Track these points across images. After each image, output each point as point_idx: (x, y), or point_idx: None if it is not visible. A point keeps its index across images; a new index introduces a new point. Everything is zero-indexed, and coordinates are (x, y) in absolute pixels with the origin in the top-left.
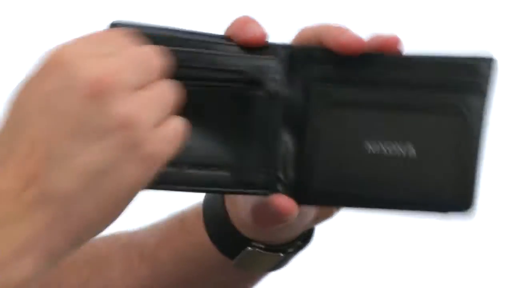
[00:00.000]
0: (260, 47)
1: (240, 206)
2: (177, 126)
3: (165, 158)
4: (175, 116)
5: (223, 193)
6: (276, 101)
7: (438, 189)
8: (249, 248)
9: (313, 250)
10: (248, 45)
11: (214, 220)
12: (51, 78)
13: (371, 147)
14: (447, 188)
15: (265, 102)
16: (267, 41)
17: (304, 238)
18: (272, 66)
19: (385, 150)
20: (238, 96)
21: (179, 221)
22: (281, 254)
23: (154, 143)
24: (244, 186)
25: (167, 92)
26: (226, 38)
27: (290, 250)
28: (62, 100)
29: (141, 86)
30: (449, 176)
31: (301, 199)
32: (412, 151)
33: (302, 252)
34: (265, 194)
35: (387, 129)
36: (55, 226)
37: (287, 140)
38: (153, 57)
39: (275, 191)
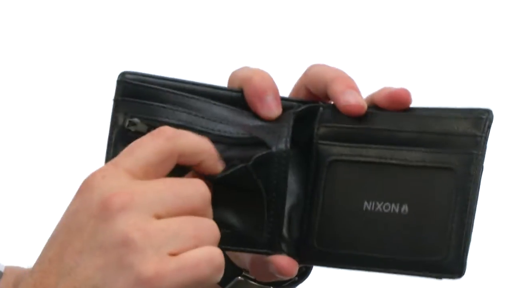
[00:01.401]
0: None
1: None
2: (200, 257)
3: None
4: (206, 246)
5: (224, 250)
6: (283, 161)
7: (433, 250)
8: (240, 277)
9: None
10: (263, 118)
11: None
12: (75, 201)
13: (368, 206)
14: (441, 249)
15: (272, 162)
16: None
17: (301, 273)
18: (280, 130)
19: (381, 209)
20: (245, 157)
21: None
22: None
23: (158, 268)
24: (246, 244)
25: (193, 227)
26: (238, 92)
27: (284, 285)
28: (78, 219)
29: (163, 214)
30: (442, 236)
31: (303, 258)
32: (407, 210)
33: None
34: (267, 254)
35: (385, 187)
36: None
37: (291, 197)
38: (192, 191)
39: (278, 250)
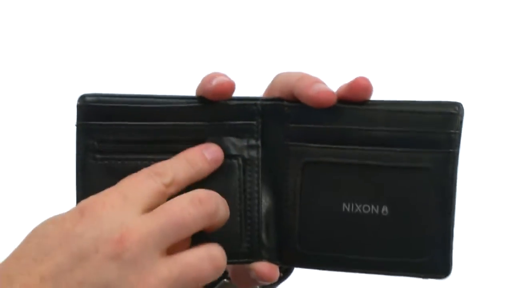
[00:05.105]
0: (233, 110)
1: None
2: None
3: None
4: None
5: None
6: (253, 166)
7: (417, 251)
8: (225, 280)
9: None
10: (216, 95)
11: None
12: (80, 224)
13: (347, 207)
14: (425, 250)
15: (241, 169)
16: (237, 99)
17: (285, 269)
18: (246, 131)
19: (361, 211)
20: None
21: None
22: (258, 287)
23: None
24: (227, 256)
25: (197, 265)
26: (199, 99)
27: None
28: (82, 245)
29: (166, 249)
30: (424, 236)
31: (285, 261)
32: (387, 211)
33: None
34: (248, 263)
35: (362, 188)
36: None
37: (267, 202)
38: (192, 216)
39: (259, 258)
